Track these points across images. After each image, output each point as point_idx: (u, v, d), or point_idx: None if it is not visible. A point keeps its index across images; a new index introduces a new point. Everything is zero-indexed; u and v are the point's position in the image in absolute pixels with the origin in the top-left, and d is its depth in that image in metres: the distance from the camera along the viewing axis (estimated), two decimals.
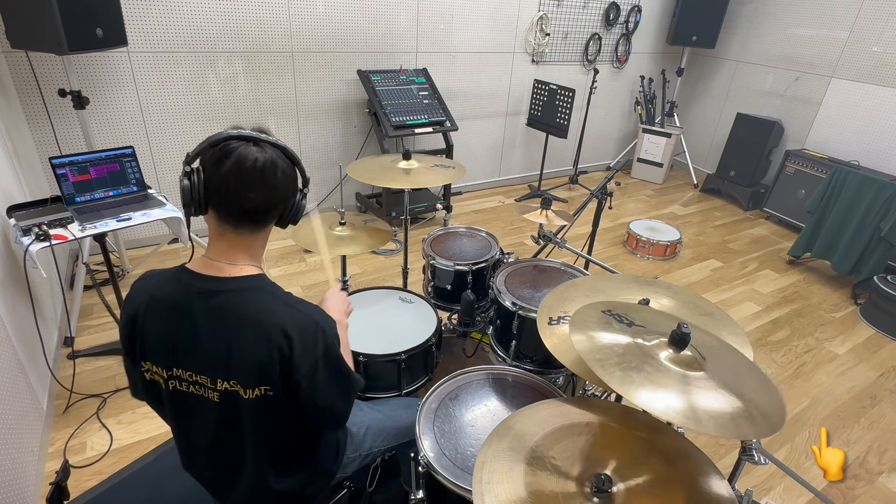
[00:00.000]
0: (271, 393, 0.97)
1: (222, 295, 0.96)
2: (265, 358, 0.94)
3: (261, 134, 0.95)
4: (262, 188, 0.94)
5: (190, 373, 0.99)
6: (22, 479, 1.58)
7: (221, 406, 0.99)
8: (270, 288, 1.00)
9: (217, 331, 0.95)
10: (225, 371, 0.96)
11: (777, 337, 2.88)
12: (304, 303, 1.00)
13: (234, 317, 0.95)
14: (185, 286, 0.98)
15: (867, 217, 3.21)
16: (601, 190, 2.35)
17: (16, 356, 1.77)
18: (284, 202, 1.00)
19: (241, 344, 0.94)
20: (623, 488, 0.91)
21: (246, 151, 0.92)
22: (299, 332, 0.95)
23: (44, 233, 1.83)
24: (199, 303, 0.96)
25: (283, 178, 0.96)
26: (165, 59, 2.94)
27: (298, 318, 0.96)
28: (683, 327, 1.00)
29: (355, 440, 1.29)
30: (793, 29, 4.38)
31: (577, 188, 4.77)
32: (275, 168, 0.94)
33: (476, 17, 3.91)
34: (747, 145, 4.56)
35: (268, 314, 0.95)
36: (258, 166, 0.92)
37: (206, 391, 0.99)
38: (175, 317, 0.97)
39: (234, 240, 0.98)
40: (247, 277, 0.98)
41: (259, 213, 0.97)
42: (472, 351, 2.23)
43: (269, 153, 0.94)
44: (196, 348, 0.97)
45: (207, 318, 0.95)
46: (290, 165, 0.99)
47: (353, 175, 1.99)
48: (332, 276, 1.47)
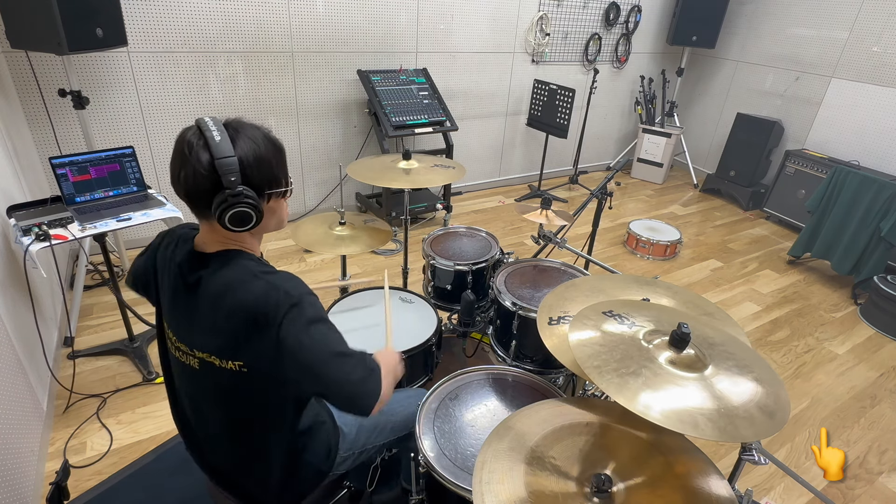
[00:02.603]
0: (245, 369, 0.97)
1: (201, 270, 1.00)
2: (234, 332, 0.95)
3: (211, 121, 0.95)
4: (176, 170, 0.94)
5: (175, 337, 1.05)
6: (22, 479, 1.58)
7: (202, 374, 1.03)
8: (244, 261, 1.00)
9: (193, 303, 1.00)
10: (201, 341, 1.00)
11: (777, 337, 2.88)
12: (275, 274, 0.99)
13: (209, 292, 0.98)
14: (186, 252, 1.04)
15: (867, 217, 3.21)
16: (601, 190, 2.35)
17: (16, 356, 1.77)
18: (203, 194, 0.94)
19: (212, 317, 0.97)
20: (623, 488, 0.91)
21: (182, 132, 0.95)
22: (269, 304, 0.93)
23: (44, 233, 1.83)
24: (188, 270, 1.01)
25: (193, 166, 0.91)
26: (165, 59, 2.94)
27: (264, 288, 0.95)
28: (684, 327, 1.00)
29: (348, 438, 1.27)
30: (793, 29, 4.38)
31: (577, 188, 4.77)
32: (185, 153, 0.92)
33: (476, 17, 3.91)
34: (747, 145, 4.56)
35: (236, 288, 0.96)
36: (177, 146, 0.94)
37: (187, 357, 1.03)
38: (171, 282, 1.04)
39: (203, 225, 1.02)
40: (223, 252, 1.01)
41: (185, 198, 0.96)
42: (472, 351, 2.23)
43: (192, 139, 0.93)
44: (178, 316, 1.04)
45: (190, 287, 1.00)
46: (208, 157, 0.92)
47: (353, 175, 1.99)
48: (391, 338, 1.44)
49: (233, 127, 0.96)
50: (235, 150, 0.93)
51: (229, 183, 0.92)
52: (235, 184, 0.93)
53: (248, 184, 0.95)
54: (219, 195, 0.93)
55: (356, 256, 3.31)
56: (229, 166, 0.92)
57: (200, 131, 0.93)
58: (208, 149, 0.91)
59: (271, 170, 1.00)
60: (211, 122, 0.94)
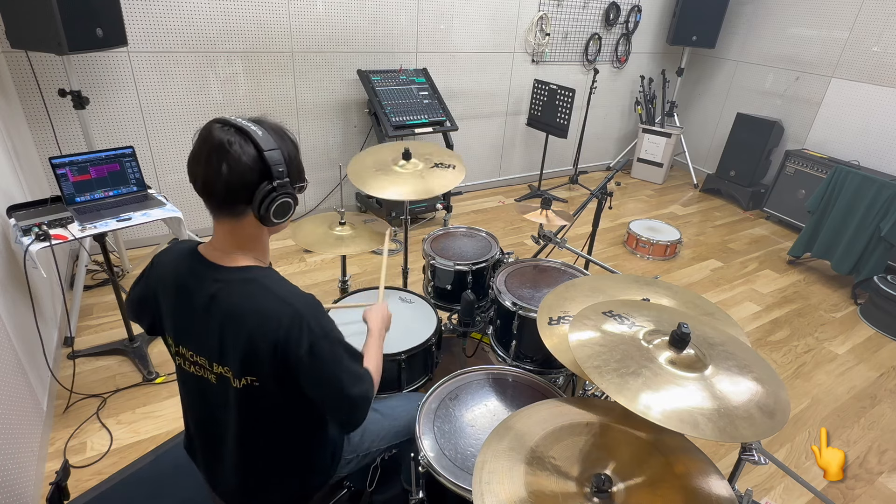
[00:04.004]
0: (258, 384, 0.99)
1: (216, 284, 0.98)
2: (251, 350, 0.95)
3: (236, 118, 0.95)
4: (213, 167, 0.91)
5: (192, 353, 1.03)
6: (22, 479, 1.58)
7: (218, 389, 1.03)
8: (262, 279, 1.00)
9: (209, 318, 0.98)
10: (219, 356, 1.00)
11: (777, 337, 2.88)
12: (294, 294, 0.99)
13: (224, 307, 0.97)
14: (190, 267, 1.02)
15: (867, 217, 3.21)
16: (601, 190, 2.35)
17: (16, 356, 1.77)
18: (245, 188, 0.94)
19: (230, 334, 0.97)
20: (623, 488, 0.91)
21: (206, 131, 0.93)
22: (285, 325, 0.95)
23: (44, 233, 1.83)
24: (197, 287, 1.00)
25: (237, 159, 0.91)
26: (165, 59, 2.94)
27: (285, 311, 0.96)
28: (684, 327, 0.99)
29: (353, 442, 1.29)
30: (793, 29, 4.38)
31: (577, 188, 4.77)
32: (226, 148, 0.91)
33: (476, 17, 3.91)
34: (747, 145, 4.56)
35: (255, 307, 0.96)
36: (210, 143, 0.92)
37: (205, 372, 1.03)
38: (179, 296, 1.02)
39: (222, 227, 1.00)
40: (240, 268, 1.00)
41: (218, 196, 0.95)
42: (472, 351, 2.23)
43: (228, 135, 0.92)
44: (194, 331, 1.02)
45: (202, 303, 0.99)
46: (253, 151, 0.93)
47: (352, 177, 1.99)
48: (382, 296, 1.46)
49: (267, 125, 0.99)
50: (279, 147, 0.96)
51: (278, 174, 0.95)
52: (283, 174, 0.96)
53: (288, 177, 0.98)
54: (263, 186, 0.94)
55: (356, 256, 3.31)
56: (278, 159, 0.95)
57: (235, 128, 0.93)
58: (253, 142, 0.93)
59: (300, 164, 1.04)
60: (244, 121, 0.95)
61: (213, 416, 1.09)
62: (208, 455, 1.16)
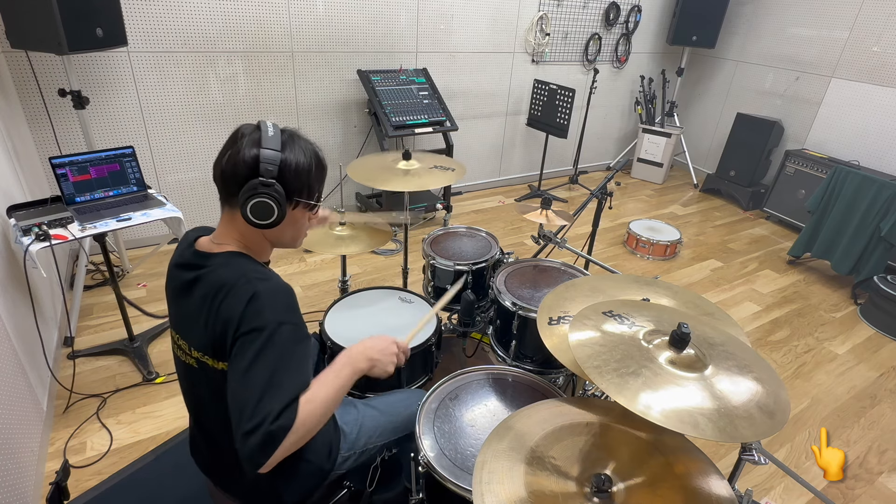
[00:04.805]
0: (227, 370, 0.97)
1: (201, 269, 1.01)
2: (218, 332, 0.95)
3: (268, 124, 1.01)
4: (223, 155, 1.00)
5: (178, 336, 1.07)
6: (22, 479, 1.58)
7: (199, 373, 1.03)
8: (239, 262, 1.01)
9: (192, 302, 1.01)
10: (197, 341, 1.01)
11: (777, 337, 2.88)
12: (269, 282, 0.97)
13: (202, 291, 0.99)
14: (183, 255, 1.07)
15: (867, 217, 3.21)
16: (601, 190, 2.35)
17: (16, 356, 1.77)
18: (235, 179, 0.98)
19: (205, 316, 0.97)
20: (623, 488, 0.91)
21: (242, 125, 1.02)
22: (246, 306, 0.92)
23: (44, 233, 1.83)
24: (186, 274, 1.03)
25: (239, 150, 0.98)
26: (165, 59, 2.94)
27: (246, 289, 0.93)
28: (684, 327, 0.99)
29: (349, 439, 1.28)
30: (793, 29, 4.38)
31: (577, 188, 4.77)
32: (236, 139, 0.99)
33: (476, 17, 3.91)
34: (747, 145, 4.56)
35: (228, 290, 0.95)
36: (232, 135, 1.01)
37: (186, 357, 1.05)
38: (173, 282, 1.08)
39: (223, 219, 1.06)
40: (223, 253, 1.03)
41: (218, 183, 1.02)
42: (472, 351, 2.23)
43: (246, 130, 1.00)
44: (181, 315, 1.05)
45: (187, 289, 1.02)
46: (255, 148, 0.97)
47: (353, 176, 1.99)
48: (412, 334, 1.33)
49: (288, 133, 1.03)
50: (283, 151, 1.00)
51: (265, 172, 0.97)
52: (271, 174, 0.98)
53: (282, 183, 1.00)
54: (250, 181, 0.97)
55: (356, 256, 3.31)
56: (271, 159, 0.98)
57: (258, 127, 1.00)
58: (259, 140, 0.98)
59: (308, 179, 1.05)
60: (271, 124, 1.02)
61: (202, 405, 1.10)
62: (208, 448, 1.16)
